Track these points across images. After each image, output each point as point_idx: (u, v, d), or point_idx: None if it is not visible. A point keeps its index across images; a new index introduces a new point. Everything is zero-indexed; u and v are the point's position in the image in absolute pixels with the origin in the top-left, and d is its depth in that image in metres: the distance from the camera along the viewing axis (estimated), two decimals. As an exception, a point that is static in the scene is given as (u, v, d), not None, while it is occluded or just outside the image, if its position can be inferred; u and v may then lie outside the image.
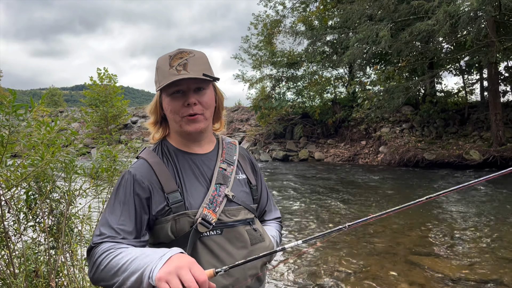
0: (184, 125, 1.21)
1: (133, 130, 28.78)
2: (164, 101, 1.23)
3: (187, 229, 1.14)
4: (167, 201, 1.15)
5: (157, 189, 1.16)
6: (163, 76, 1.18)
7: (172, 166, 1.22)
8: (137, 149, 3.31)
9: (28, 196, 2.46)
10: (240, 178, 1.33)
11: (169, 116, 1.24)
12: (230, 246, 1.19)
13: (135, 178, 1.17)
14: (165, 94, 1.21)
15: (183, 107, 1.19)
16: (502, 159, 13.50)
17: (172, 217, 1.15)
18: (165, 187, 1.16)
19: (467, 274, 4.17)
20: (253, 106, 22.53)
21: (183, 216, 1.15)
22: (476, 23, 12.14)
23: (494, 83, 14.81)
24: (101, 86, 25.99)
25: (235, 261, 1.15)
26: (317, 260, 4.73)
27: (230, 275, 1.15)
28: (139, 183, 1.16)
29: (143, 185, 1.16)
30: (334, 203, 8.48)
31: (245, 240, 1.23)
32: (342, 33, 17.16)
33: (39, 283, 2.35)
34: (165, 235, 1.16)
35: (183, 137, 1.27)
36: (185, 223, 1.14)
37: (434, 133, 17.48)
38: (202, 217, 1.14)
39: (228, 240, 1.19)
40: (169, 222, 1.15)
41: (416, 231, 5.93)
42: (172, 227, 1.14)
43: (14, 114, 1.97)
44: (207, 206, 1.17)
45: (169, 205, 1.15)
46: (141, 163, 1.22)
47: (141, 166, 1.21)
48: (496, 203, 7.99)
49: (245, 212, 1.26)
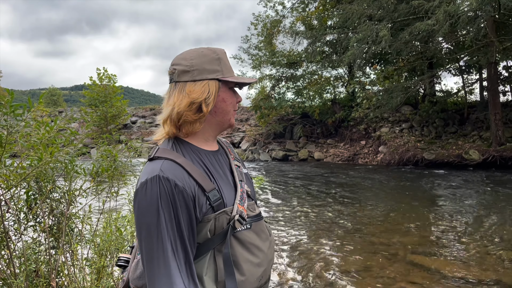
0: (232, 118, 1.25)
1: (133, 130, 28.78)
2: (224, 92, 1.21)
3: (224, 226, 1.13)
4: (209, 200, 1.11)
5: (198, 190, 1.09)
6: (227, 69, 1.21)
7: (200, 164, 1.17)
8: (137, 149, 3.31)
9: (28, 196, 2.46)
10: (246, 172, 1.36)
11: (224, 108, 1.22)
12: (258, 239, 1.22)
13: (178, 186, 1.05)
14: (226, 86, 1.22)
15: (235, 103, 1.25)
16: (501, 159, 13.52)
17: (213, 216, 1.12)
18: (204, 186, 1.10)
19: (467, 274, 4.18)
20: (253, 106, 22.54)
21: (223, 214, 1.13)
22: (475, 23, 12.15)
23: (493, 83, 14.83)
24: (100, 86, 25.98)
25: (264, 253, 1.21)
26: (316, 259, 4.74)
27: (261, 266, 1.19)
28: (182, 192, 1.05)
29: (186, 193, 1.06)
30: (334, 203, 8.49)
31: (266, 232, 1.29)
32: (341, 33, 17.16)
33: (39, 283, 2.35)
34: (203, 235, 1.12)
35: (214, 132, 1.26)
36: (223, 220, 1.13)
37: (433, 133, 17.49)
38: (239, 214, 1.15)
39: (257, 234, 1.23)
40: (210, 221, 1.11)
41: (416, 231, 5.94)
42: (211, 226, 1.12)
43: (12, 114, 1.97)
44: (239, 202, 1.18)
45: (211, 204, 1.11)
46: (170, 164, 1.09)
47: (172, 166, 1.08)
48: (496, 203, 8.00)
49: (257, 206, 1.31)
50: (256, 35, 23.05)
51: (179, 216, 1.04)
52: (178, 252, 1.03)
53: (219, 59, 1.19)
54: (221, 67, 1.19)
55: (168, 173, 1.06)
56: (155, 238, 1.02)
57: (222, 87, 1.20)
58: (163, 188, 1.03)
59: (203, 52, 1.19)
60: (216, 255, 1.13)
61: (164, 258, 1.01)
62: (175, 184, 1.05)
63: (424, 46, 15.38)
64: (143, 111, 33.19)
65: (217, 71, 1.18)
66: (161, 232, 1.02)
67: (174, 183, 1.05)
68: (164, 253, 1.01)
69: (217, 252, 1.13)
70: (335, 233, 5.95)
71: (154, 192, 1.03)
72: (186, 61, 1.18)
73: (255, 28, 22.86)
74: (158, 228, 1.02)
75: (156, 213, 1.02)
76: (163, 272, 1.01)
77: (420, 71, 18.22)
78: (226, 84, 1.20)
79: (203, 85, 1.16)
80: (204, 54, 1.19)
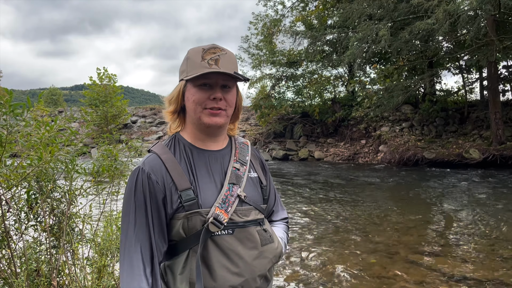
0: (204, 117, 1.19)
1: (133, 130, 28.78)
2: (189, 91, 1.21)
3: (198, 227, 1.13)
4: (180, 198, 1.13)
5: (172, 187, 1.14)
6: (193, 67, 1.18)
7: (186, 162, 1.20)
8: (137, 148, 3.32)
9: (29, 195, 2.46)
10: (252, 176, 1.33)
11: (190, 107, 1.21)
12: (241, 246, 1.18)
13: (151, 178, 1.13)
14: (192, 84, 1.20)
15: (208, 99, 1.19)
16: (501, 158, 13.51)
17: (184, 215, 1.13)
18: (178, 184, 1.14)
19: (468, 273, 4.18)
20: (253, 106, 22.54)
21: (195, 214, 1.13)
22: (475, 22, 12.15)
23: (493, 82, 14.82)
24: (100, 86, 25.97)
25: (245, 261, 1.17)
26: (316, 258, 4.74)
27: (241, 275, 1.15)
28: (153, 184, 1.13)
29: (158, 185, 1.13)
30: (334, 202, 8.49)
31: (256, 240, 1.22)
32: (341, 33, 17.16)
33: (40, 282, 2.36)
34: (176, 232, 1.15)
35: (200, 131, 1.25)
36: (197, 221, 1.13)
37: (433, 132, 17.49)
38: (214, 217, 1.13)
39: (239, 240, 1.18)
40: (181, 219, 1.13)
41: (416, 230, 5.94)
42: (183, 224, 1.13)
43: (11, 113, 1.97)
44: (220, 205, 1.16)
45: (182, 203, 1.13)
46: (153, 158, 1.19)
47: (153, 161, 1.17)
48: (497, 202, 8.00)
49: (256, 212, 1.26)
50: (255, 34, 23.06)
51: (148, 207, 1.12)
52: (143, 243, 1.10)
53: (187, 59, 1.22)
54: (186, 66, 1.21)
55: (147, 166, 1.16)
56: (125, 227, 1.12)
57: (189, 86, 1.21)
58: (140, 179, 1.14)
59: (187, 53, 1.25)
60: (191, 255, 1.14)
61: (129, 249, 1.09)
62: (149, 176, 1.13)
63: (424, 45, 15.37)
64: (144, 110, 33.19)
65: (183, 72, 1.22)
66: (130, 222, 1.11)
67: (148, 175, 1.14)
68: (130, 243, 1.10)
69: (193, 252, 1.13)
70: (335, 232, 5.95)
71: (132, 182, 1.15)
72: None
73: (255, 27, 22.87)
74: (128, 218, 1.12)
75: (129, 202, 1.13)
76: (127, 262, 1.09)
77: (420, 70, 18.21)
78: (192, 82, 1.19)
79: (177, 86, 1.25)
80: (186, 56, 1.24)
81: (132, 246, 1.09)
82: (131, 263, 1.08)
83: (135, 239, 1.10)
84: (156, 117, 30.89)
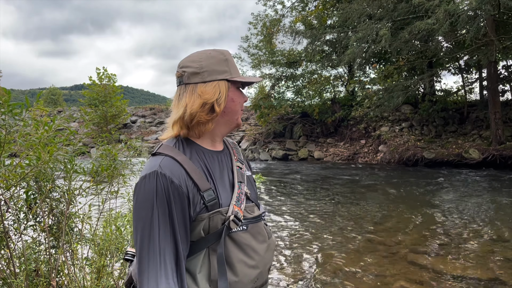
0: (239, 118, 1.27)
1: (133, 130, 28.78)
2: (233, 93, 1.24)
3: (219, 226, 1.15)
4: (203, 199, 1.13)
5: (193, 189, 1.12)
6: (235, 69, 1.24)
7: (200, 163, 1.19)
8: (136, 148, 3.31)
9: (27, 195, 2.46)
10: (248, 174, 1.37)
11: (232, 108, 1.24)
12: (254, 241, 1.23)
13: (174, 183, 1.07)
14: (234, 86, 1.24)
15: (243, 102, 1.28)
16: (501, 158, 13.51)
17: (207, 215, 1.13)
18: (200, 185, 1.13)
19: (467, 273, 4.18)
20: (253, 106, 22.54)
21: (217, 214, 1.15)
22: (475, 22, 12.14)
23: (493, 82, 14.83)
24: (100, 86, 25.94)
25: (259, 255, 1.22)
26: (315, 257, 4.74)
27: (256, 268, 1.20)
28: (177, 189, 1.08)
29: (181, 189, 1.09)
30: (333, 202, 8.49)
31: (265, 234, 1.29)
32: (341, 32, 17.16)
33: (39, 283, 2.35)
34: (196, 233, 1.14)
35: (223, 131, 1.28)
36: (218, 220, 1.15)
37: (433, 132, 17.50)
38: (234, 214, 1.16)
39: (253, 236, 1.23)
40: (204, 220, 1.13)
41: (416, 230, 5.94)
42: (205, 225, 1.13)
43: (10, 113, 1.96)
44: (236, 203, 1.19)
45: (206, 204, 1.13)
46: (170, 161, 1.12)
47: (172, 164, 1.11)
48: (496, 201, 8.00)
49: (257, 208, 1.31)
50: (255, 34, 23.06)
51: (173, 212, 1.07)
52: (168, 248, 1.06)
53: (226, 60, 1.23)
54: (229, 67, 1.22)
55: (166, 169, 1.09)
56: (147, 233, 1.05)
57: (231, 87, 1.23)
58: (160, 184, 1.07)
59: (211, 54, 1.22)
60: (210, 254, 1.14)
61: (154, 254, 1.05)
62: (171, 180, 1.08)
63: (424, 45, 15.38)
64: (143, 110, 33.20)
65: (226, 72, 1.21)
66: (154, 228, 1.05)
67: (171, 179, 1.08)
68: (155, 248, 1.05)
69: (212, 251, 1.14)
70: (335, 232, 5.95)
71: (151, 187, 1.07)
72: (195, 63, 1.20)
73: (254, 27, 22.87)
74: (151, 223, 1.06)
75: (151, 208, 1.06)
76: (152, 267, 1.04)
77: (420, 70, 18.21)
78: (234, 84, 1.23)
79: (213, 86, 1.19)
80: (212, 55, 1.22)
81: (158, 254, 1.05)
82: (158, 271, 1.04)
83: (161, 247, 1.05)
84: (155, 117, 30.90)
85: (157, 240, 1.05)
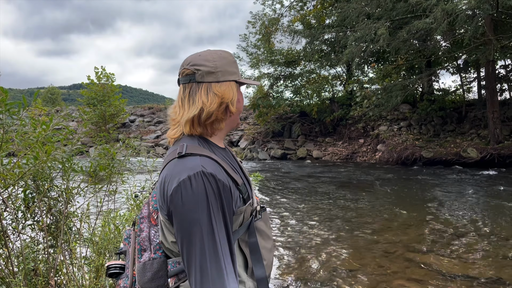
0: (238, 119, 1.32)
1: (131, 129, 28.74)
2: (240, 94, 1.29)
3: (249, 217, 1.19)
4: (241, 193, 1.16)
5: (232, 185, 1.13)
6: (239, 71, 1.28)
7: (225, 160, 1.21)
8: (135, 148, 3.31)
9: (25, 194, 2.45)
10: None
11: (238, 108, 1.28)
12: (266, 227, 1.30)
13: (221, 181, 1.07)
14: (238, 87, 1.27)
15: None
16: (499, 157, 13.55)
17: (244, 208, 1.16)
18: (236, 180, 1.15)
19: (465, 271, 4.19)
20: (251, 105, 22.54)
21: (249, 205, 1.19)
22: (473, 21, 12.17)
23: (491, 81, 14.86)
24: (98, 85, 25.89)
25: (271, 239, 1.31)
26: (314, 256, 4.75)
27: (271, 251, 1.27)
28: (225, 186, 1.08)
29: (226, 187, 1.09)
30: (332, 201, 8.50)
31: (269, 222, 1.37)
32: (340, 32, 17.17)
33: (38, 282, 2.35)
34: (234, 227, 1.14)
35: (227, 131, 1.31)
36: (248, 212, 1.19)
37: (431, 131, 17.53)
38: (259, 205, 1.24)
39: (265, 222, 1.30)
40: (242, 213, 1.16)
41: (414, 229, 5.95)
42: (241, 217, 1.17)
43: (7, 112, 1.96)
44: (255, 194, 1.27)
45: (243, 197, 1.17)
46: (208, 160, 1.11)
47: (211, 163, 1.11)
48: (494, 201, 8.02)
49: None
50: (254, 33, 23.06)
51: (225, 211, 1.06)
52: (226, 246, 1.04)
53: (235, 62, 1.28)
54: (237, 69, 1.27)
55: (210, 169, 1.07)
56: (206, 234, 1.02)
57: (238, 88, 1.27)
58: (209, 183, 1.04)
59: (222, 55, 1.24)
60: (240, 244, 1.18)
61: (216, 256, 1.01)
62: (218, 179, 1.06)
63: (422, 44, 15.39)
64: (142, 110, 33.16)
65: (235, 73, 1.25)
66: (212, 228, 1.02)
67: (218, 178, 1.06)
68: (216, 248, 1.02)
69: (241, 241, 1.18)
70: (333, 230, 5.96)
71: (201, 188, 1.03)
72: (209, 62, 1.19)
73: (253, 26, 22.86)
74: (209, 224, 1.02)
75: (206, 209, 1.03)
76: (217, 269, 1.00)
77: (419, 70, 18.24)
78: (240, 86, 1.29)
79: (227, 86, 1.20)
80: (224, 56, 1.23)
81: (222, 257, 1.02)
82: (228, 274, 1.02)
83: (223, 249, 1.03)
84: (154, 116, 30.86)
85: (219, 239, 1.02)
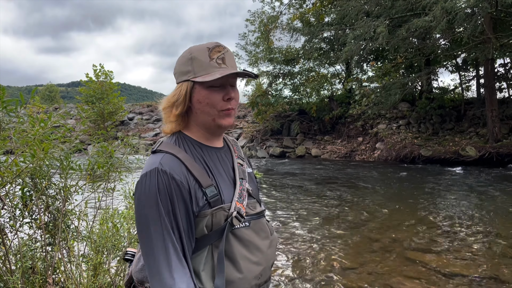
0: (219, 119, 1.18)
1: (130, 127, 28.70)
2: (199, 93, 1.15)
3: (222, 223, 1.14)
4: (205, 195, 1.12)
5: (195, 185, 1.11)
6: (202, 67, 1.14)
7: (200, 160, 1.18)
8: (133, 146, 3.30)
9: (23, 192, 2.44)
10: (249, 171, 1.36)
11: (201, 109, 1.17)
12: (257, 237, 1.23)
13: (175, 179, 1.07)
14: (202, 86, 1.15)
15: (222, 101, 1.16)
16: (498, 156, 13.57)
17: (210, 212, 1.13)
18: (201, 181, 1.12)
19: (463, 269, 4.20)
20: (250, 103, 22.52)
21: (220, 210, 1.14)
22: (472, 19, 12.16)
23: (490, 80, 14.86)
24: (97, 83, 25.81)
25: (262, 252, 1.21)
26: (312, 254, 4.75)
27: (260, 264, 1.20)
28: (179, 185, 1.07)
29: (183, 185, 1.08)
30: (330, 199, 8.51)
31: (267, 231, 1.29)
32: (339, 30, 17.15)
33: (36, 280, 2.35)
34: (199, 230, 1.13)
35: (208, 131, 1.23)
36: (221, 217, 1.14)
37: (430, 130, 17.54)
38: (237, 211, 1.16)
39: (255, 232, 1.23)
40: (207, 216, 1.12)
41: (412, 227, 5.96)
42: (208, 221, 1.12)
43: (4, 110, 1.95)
44: (238, 199, 1.18)
45: (208, 200, 1.12)
46: (170, 157, 1.12)
47: (172, 161, 1.11)
48: (494, 199, 8.03)
49: (258, 205, 1.31)
50: (253, 31, 23.02)
51: (176, 208, 1.06)
52: (175, 244, 1.05)
53: (191, 59, 1.16)
54: (192, 67, 1.15)
55: (167, 166, 1.09)
56: (153, 230, 1.05)
57: (198, 88, 1.16)
58: (161, 180, 1.06)
59: (183, 54, 1.20)
60: (213, 251, 1.13)
61: (162, 251, 1.04)
62: (172, 177, 1.07)
63: (422, 42, 15.40)
64: (140, 107, 33.11)
65: (188, 72, 1.16)
66: (159, 225, 1.05)
67: (172, 176, 1.07)
68: (162, 245, 1.04)
69: (215, 248, 1.13)
70: (332, 229, 5.96)
71: (152, 185, 1.06)
72: (176, 65, 1.22)
73: (252, 24, 22.82)
74: (156, 220, 1.05)
75: (155, 205, 1.05)
76: (162, 264, 1.03)
77: (417, 68, 18.24)
78: (201, 84, 1.15)
79: (177, 88, 1.19)
80: (182, 55, 1.20)
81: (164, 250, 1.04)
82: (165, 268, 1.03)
83: (167, 243, 1.04)
84: (153, 114, 30.82)
85: (161, 237, 1.04)
